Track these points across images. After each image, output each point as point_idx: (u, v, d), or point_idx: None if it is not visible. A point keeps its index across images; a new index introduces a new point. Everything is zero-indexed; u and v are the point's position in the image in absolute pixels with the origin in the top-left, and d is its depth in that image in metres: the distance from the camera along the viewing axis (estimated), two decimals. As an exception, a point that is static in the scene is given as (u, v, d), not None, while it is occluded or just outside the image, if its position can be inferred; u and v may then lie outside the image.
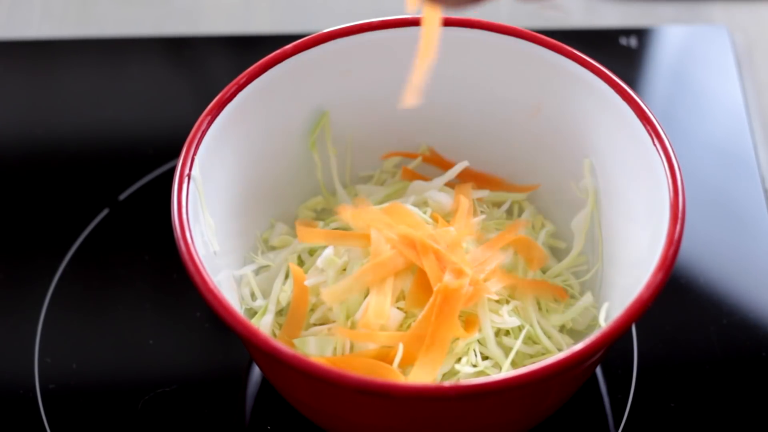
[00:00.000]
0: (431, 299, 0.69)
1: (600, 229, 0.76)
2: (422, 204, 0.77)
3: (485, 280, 0.71)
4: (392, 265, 0.70)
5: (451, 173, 0.79)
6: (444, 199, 0.76)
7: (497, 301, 0.72)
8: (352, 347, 0.70)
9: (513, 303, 0.72)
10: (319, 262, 0.73)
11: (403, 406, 0.63)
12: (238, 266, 0.76)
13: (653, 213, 0.68)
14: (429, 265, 0.70)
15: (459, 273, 0.70)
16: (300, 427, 0.76)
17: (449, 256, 0.71)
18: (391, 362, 0.68)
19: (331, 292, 0.70)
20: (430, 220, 0.75)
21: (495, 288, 0.71)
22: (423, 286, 0.70)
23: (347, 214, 0.73)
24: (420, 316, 0.69)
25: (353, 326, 0.71)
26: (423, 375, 0.67)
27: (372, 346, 0.69)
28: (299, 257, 0.77)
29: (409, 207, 0.74)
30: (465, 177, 0.79)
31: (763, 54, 1.02)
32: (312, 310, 0.74)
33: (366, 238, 0.72)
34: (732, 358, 0.81)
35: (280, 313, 0.75)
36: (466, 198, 0.76)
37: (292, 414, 0.75)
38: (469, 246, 0.73)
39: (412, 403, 0.62)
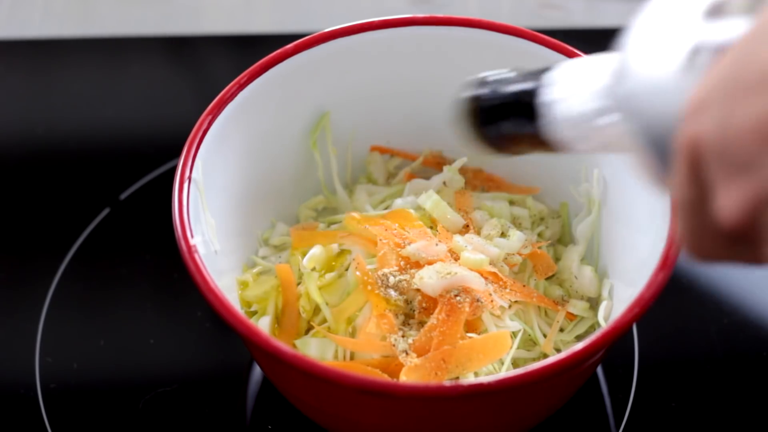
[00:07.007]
0: (436, 311, 0.69)
1: (601, 229, 0.76)
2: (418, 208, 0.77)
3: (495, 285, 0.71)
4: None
5: (451, 169, 0.78)
6: (455, 218, 0.75)
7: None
8: (353, 353, 0.70)
9: (515, 307, 0.72)
10: (305, 261, 0.73)
11: (404, 405, 0.63)
12: (238, 266, 0.76)
13: (655, 213, 0.68)
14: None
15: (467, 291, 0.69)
16: (301, 426, 0.76)
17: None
18: (392, 372, 0.68)
19: (338, 311, 0.70)
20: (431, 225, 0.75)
21: (501, 303, 0.71)
22: (430, 296, 0.70)
23: (354, 223, 0.73)
24: (425, 327, 0.68)
25: (354, 332, 0.70)
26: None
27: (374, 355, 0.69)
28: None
29: (413, 212, 0.74)
30: (465, 174, 0.79)
31: (764, 53, 1.02)
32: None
33: (366, 238, 0.72)
34: (733, 358, 0.81)
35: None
36: (466, 204, 0.76)
37: (292, 413, 0.75)
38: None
39: (412, 402, 0.62)
